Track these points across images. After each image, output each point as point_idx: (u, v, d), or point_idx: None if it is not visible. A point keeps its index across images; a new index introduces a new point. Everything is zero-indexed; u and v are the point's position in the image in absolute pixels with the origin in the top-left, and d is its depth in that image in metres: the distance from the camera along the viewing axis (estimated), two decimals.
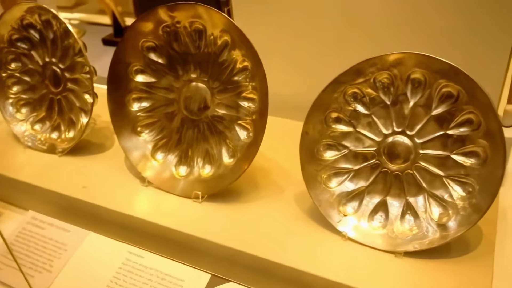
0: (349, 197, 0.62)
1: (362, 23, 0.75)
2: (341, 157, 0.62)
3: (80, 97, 0.79)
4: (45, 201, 0.74)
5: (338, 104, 0.61)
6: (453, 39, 0.70)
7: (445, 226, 0.56)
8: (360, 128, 0.61)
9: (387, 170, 0.60)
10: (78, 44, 0.74)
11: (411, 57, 0.55)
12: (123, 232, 0.68)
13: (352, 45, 0.77)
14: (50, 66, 0.80)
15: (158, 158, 0.73)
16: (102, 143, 0.84)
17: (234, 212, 0.66)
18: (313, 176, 0.62)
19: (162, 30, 0.66)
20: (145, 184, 0.71)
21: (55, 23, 0.76)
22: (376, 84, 0.58)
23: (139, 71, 0.71)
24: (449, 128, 0.56)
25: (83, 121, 0.80)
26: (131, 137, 0.73)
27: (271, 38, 0.83)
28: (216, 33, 0.64)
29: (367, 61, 0.57)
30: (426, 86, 0.56)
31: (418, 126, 0.58)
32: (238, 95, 0.66)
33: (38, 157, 0.81)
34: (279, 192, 0.69)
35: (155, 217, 0.66)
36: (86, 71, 0.76)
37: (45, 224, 0.71)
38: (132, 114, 0.73)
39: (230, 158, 0.68)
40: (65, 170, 0.77)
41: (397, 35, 0.73)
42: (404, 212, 0.59)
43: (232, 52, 0.64)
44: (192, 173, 0.70)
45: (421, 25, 0.71)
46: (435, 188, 0.58)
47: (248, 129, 0.66)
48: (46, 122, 0.85)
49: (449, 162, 0.57)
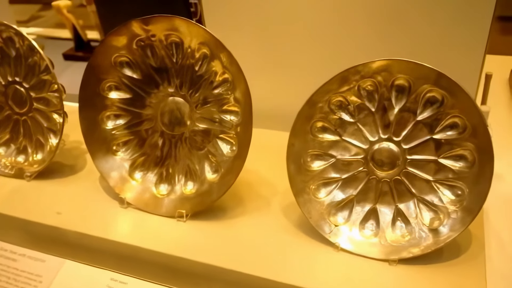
0: (339, 207, 0.61)
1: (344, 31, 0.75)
2: (328, 167, 0.61)
3: (49, 117, 0.75)
4: (14, 230, 0.69)
5: (323, 113, 0.60)
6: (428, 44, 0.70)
7: (437, 230, 0.56)
8: (346, 137, 0.60)
9: (375, 178, 0.60)
10: (44, 61, 0.70)
11: (395, 64, 0.55)
12: (104, 258, 0.64)
13: (335, 54, 0.77)
14: (13, 85, 0.75)
15: (137, 178, 0.69)
16: (74, 163, 0.80)
17: (221, 229, 0.64)
18: (302, 188, 0.61)
19: (136, 44, 0.64)
20: (125, 206, 0.68)
21: (18, 40, 0.72)
22: (360, 92, 0.58)
23: (113, 88, 0.68)
24: (435, 132, 0.56)
25: (52, 142, 0.76)
26: (106, 157, 0.69)
27: (248, 49, 0.81)
28: (193, 45, 0.61)
29: (351, 69, 0.56)
30: (411, 92, 0.56)
31: (404, 132, 0.57)
32: (219, 108, 0.64)
33: (3, 182, 0.76)
34: (266, 205, 0.67)
35: (138, 240, 0.62)
36: (54, 89, 0.72)
37: (16, 255, 0.66)
38: (107, 133, 0.69)
39: (213, 174, 0.65)
40: (36, 196, 0.72)
41: (377, 43, 0.73)
42: (395, 219, 0.59)
43: (211, 64, 0.62)
44: (174, 191, 0.67)
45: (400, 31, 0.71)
46: (425, 193, 0.58)
47: (232, 142, 0.64)
48: (11, 145, 0.79)
49: (437, 166, 0.57)
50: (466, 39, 0.68)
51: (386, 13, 0.71)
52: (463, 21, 0.68)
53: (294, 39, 0.78)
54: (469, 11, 0.66)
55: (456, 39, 0.69)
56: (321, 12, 0.74)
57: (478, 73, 0.70)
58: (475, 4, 0.66)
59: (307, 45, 0.78)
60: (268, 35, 0.80)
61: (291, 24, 0.78)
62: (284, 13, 0.77)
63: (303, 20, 0.77)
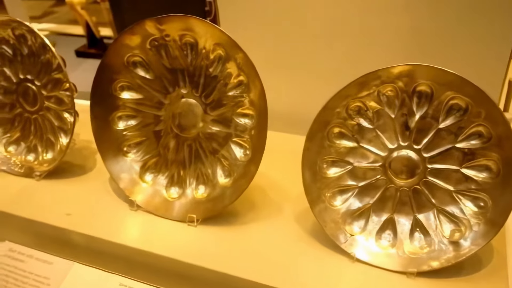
0: (355, 215, 0.59)
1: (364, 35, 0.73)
2: (345, 174, 0.59)
3: (60, 115, 0.74)
4: (23, 231, 0.68)
5: (341, 119, 0.58)
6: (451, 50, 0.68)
7: (458, 243, 0.54)
8: (364, 143, 0.58)
9: (393, 186, 0.58)
10: (56, 59, 0.69)
11: (417, 69, 0.53)
12: (113, 262, 0.62)
13: (354, 57, 0.75)
14: (25, 83, 0.74)
15: (147, 180, 0.68)
16: (84, 163, 0.79)
17: (232, 235, 0.62)
18: (317, 196, 0.59)
19: (150, 44, 0.62)
20: (134, 208, 0.66)
21: (30, 38, 0.71)
22: (380, 97, 0.56)
23: (125, 88, 0.66)
24: (457, 141, 0.54)
25: (62, 141, 0.75)
26: (117, 158, 0.68)
27: (263, 50, 0.79)
28: (208, 46, 0.60)
29: (371, 73, 0.54)
30: (433, 98, 0.54)
31: (425, 139, 0.55)
32: (233, 111, 0.62)
33: (13, 182, 0.75)
34: (278, 211, 0.66)
35: (147, 244, 0.61)
36: (66, 88, 0.71)
37: (24, 256, 0.65)
38: (118, 133, 0.68)
39: (226, 178, 0.64)
40: (45, 196, 0.71)
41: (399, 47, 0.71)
42: (413, 229, 0.57)
43: (226, 66, 0.60)
44: (185, 195, 0.66)
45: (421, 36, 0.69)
46: (445, 204, 0.55)
47: (245, 146, 0.62)
48: (21, 143, 0.79)
49: (459, 176, 0.54)
50: (490, 45, 0.66)
51: (408, 17, 0.69)
52: (487, 27, 0.65)
53: (311, 40, 0.76)
54: (494, 17, 0.64)
55: (480, 45, 0.66)
56: (341, 14, 0.72)
57: (502, 80, 0.68)
58: (500, 11, 0.64)
59: (325, 47, 0.76)
60: (285, 36, 0.78)
61: (308, 25, 0.76)
62: (302, 13, 0.75)
63: (322, 21, 0.74)
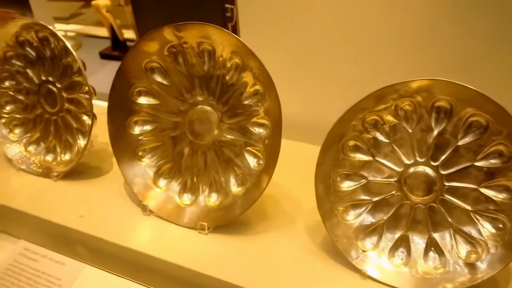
0: (368, 231, 0.58)
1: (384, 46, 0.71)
2: (359, 188, 0.58)
3: (78, 118, 0.75)
4: (38, 231, 0.69)
5: (356, 132, 0.57)
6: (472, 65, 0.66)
7: (474, 265, 0.52)
8: (380, 157, 0.57)
9: (408, 203, 0.56)
10: (77, 63, 0.70)
11: (436, 84, 0.51)
12: (123, 266, 0.63)
13: (372, 69, 0.73)
14: (46, 85, 0.76)
15: (161, 185, 0.68)
16: (100, 165, 0.80)
17: (243, 245, 0.62)
18: (329, 209, 0.58)
19: (168, 50, 0.62)
20: (147, 213, 0.67)
21: (53, 41, 0.72)
22: (397, 112, 0.55)
23: (142, 93, 0.67)
24: (477, 159, 0.52)
25: (80, 143, 0.76)
26: (132, 162, 0.68)
27: (283, 58, 0.79)
28: (225, 54, 0.60)
29: (389, 87, 0.53)
30: (452, 114, 0.52)
31: (443, 156, 0.54)
32: (248, 120, 0.62)
33: (31, 181, 0.77)
34: (290, 223, 0.65)
35: (158, 250, 0.61)
36: (85, 91, 0.72)
37: (38, 256, 0.66)
38: (133, 138, 0.68)
39: (238, 187, 0.63)
40: (61, 197, 0.72)
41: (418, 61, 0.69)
42: (428, 248, 0.55)
43: (242, 75, 0.60)
44: (197, 202, 0.66)
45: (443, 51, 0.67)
46: (462, 224, 0.54)
47: (259, 156, 0.62)
48: (41, 144, 0.80)
49: (478, 195, 0.53)
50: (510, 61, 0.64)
51: (429, 30, 0.67)
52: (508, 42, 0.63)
53: (330, 50, 0.75)
54: None
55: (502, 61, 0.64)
56: (362, 25, 0.71)
57: None
58: None
59: (343, 58, 0.75)
60: (303, 44, 0.78)
61: (329, 34, 0.75)
62: (323, 22, 0.74)
63: (343, 31, 0.73)
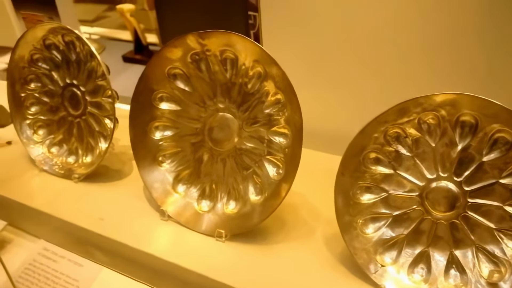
0: (387, 246, 0.57)
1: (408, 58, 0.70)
2: (379, 201, 0.57)
3: (100, 121, 0.76)
4: (58, 231, 0.70)
5: (378, 144, 0.56)
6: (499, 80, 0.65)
7: (496, 285, 0.50)
8: (401, 171, 0.56)
9: (430, 218, 0.55)
10: (101, 67, 0.71)
11: (462, 98, 0.50)
12: (140, 270, 0.63)
13: (395, 81, 0.72)
14: (70, 88, 0.77)
15: (180, 191, 0.68)
16: (120, 169, 0.80)
17: (260, 254, 0.61)
18: (348, 222, 0.57)
19: (191, 57, 0.63)
20: (165, 218, 0.67)
21: (79, 45, 0.73)
22: (421, 125, 0.54)
23: (164, 99, 0.67)
24: (502, 176, 0.51)
25: (102, 146, 0.77)
26: (152, 167, 0.69)
27: (305, 66, 0.79)
28: (248, 63, 0.60)
29: (412, 100, 0.52)
30: (477, 130, 0.51)
31: (467, 172, 0.53)
32: (268, 129, 0.62)
33: (52, 182, 0.78)
34: (309, 233, 0.64)
35: (174, 256, 0.61)
36: (108, 95, 0.73)
37: (57, 257, 0.67)
38: (154, 143, 0.69)
39: (257, 196, 0.63)
40: (81, 198, 0.73)
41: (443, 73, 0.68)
42: (449, 266, 0.54)
43: (264, 84, 0.60)
44: (215, 209, 0.66)
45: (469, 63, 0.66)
46: (485, 242, 0.52)
47: (279, 165, 0.62)
48: (63, 145, 0.81)
49: (502, 214, 0.51)
50: None
51: (455, 43, 0.66)
52: None
53: (353, 60, 0.75)
54: None
55: None
56: (387, 36, 0.70)
57: None
58: None
59: (366, 68, 0.74)
60: (326, 53, 0.77)
61: (352, 44, 0.74)
62: (346, 32, 0.73)
63: (364, 41, 0.73)
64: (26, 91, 0.81)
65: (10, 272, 0.65)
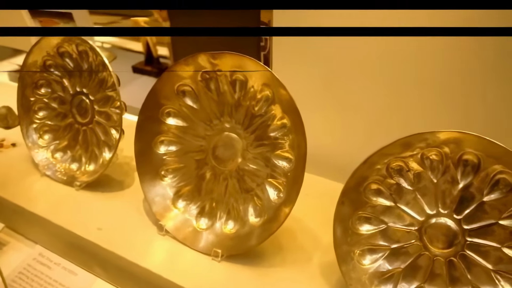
0: (383, 278, 0.56)
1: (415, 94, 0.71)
2: (378, 233, 0.57)
3: (107, 131, 0.76)
4: (55, 237, 0.70)
5: (380, 176, 0.56)
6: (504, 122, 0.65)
7: None
8: (402, 204, 0.56)
9: (427, 254, 0.55)
10: (112, 78, 0.72)
11: (466, 138, 0.51)
12: (134, 284, 0.63)
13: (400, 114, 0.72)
14: (80, 96, 0.78)
15: (179, 207, 0.69)
16: (122, 179, 0.81)
17: (254, 276, 0.61)
18: (346, 251, 0.57)
19: (201, 76, 0.64)
20: (163, 233, 0.67)
21: (92, 55, 0.74)
22: (423, 160, 0.54)
23: (171, 114, 0.68)
24: (501, 218, 0.51)
25: (106, 156, 0.77)
26: (154, 181, 0.69)
27: (312, 91, 0.79)
28: (257, 86, 0.61)
29: (417, 135, 0.53)
30: (479, 169, 0.52)
31: (467, 210, 0.53)
32: (272, 152, 0.62)
33: (54, 188, 0.78)
34: (306, 259, 0.64)
35: (169, 272, 0.61)
36: (117, 106, 0.74)
37: (52, 263, 0.67)
38: (158, 157, 0.70)
39: (256, 218, 0.63)
40: (81, 206, 0.73)
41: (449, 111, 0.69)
42: None
43: (271, 107, 0.61)
44: (213, 227, 0.66)
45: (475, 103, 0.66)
46: (481, 282, 0.52)
47: (280, 189, 0.62)
48: (68, 152, 0.82)
49: (500, 255, 0.51)
50: None
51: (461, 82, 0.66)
52: None
53: (360, 90, 0.75)
54: None
55: None
56: (393, 68, 0.71)
57: None
58: None
59: (373, 99, 0.75)
60: (336, 78, 0.77)
61: (360, 74, 0.75)
62: (355, 61, 0.74)
63: (373, 72, 0.73)
64: (36, 95, 0.82)
65: (3, 275, 0.65)
